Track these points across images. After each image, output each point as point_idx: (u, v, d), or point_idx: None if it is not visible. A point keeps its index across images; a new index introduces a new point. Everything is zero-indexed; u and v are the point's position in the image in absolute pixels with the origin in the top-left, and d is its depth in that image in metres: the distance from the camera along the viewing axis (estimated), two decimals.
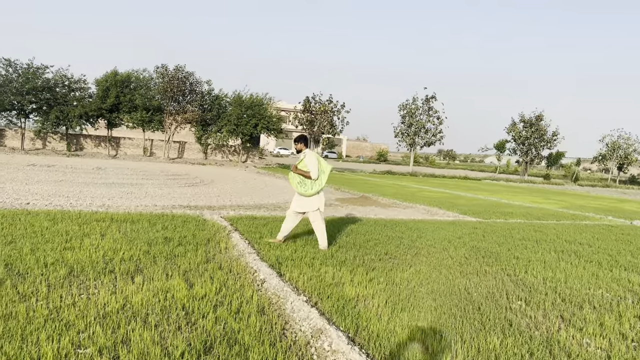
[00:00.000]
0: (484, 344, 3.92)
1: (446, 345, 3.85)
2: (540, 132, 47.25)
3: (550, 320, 4.67)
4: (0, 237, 6.46)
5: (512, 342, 4.00)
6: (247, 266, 5.95)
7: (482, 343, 3.93)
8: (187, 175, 23.00)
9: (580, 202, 23.12)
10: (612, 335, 4.37)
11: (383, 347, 3.75)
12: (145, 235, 7.36)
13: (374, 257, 6.90)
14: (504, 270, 6.69)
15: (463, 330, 4.20)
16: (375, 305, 4.72)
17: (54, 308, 4.08)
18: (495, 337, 4.05)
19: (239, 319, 4.12)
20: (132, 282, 4.96)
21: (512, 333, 4.21)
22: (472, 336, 4.06)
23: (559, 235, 10.34)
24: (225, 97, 39.85)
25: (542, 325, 4.51)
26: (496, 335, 4.12)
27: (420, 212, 13.80)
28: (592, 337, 4.31)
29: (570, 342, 4.12)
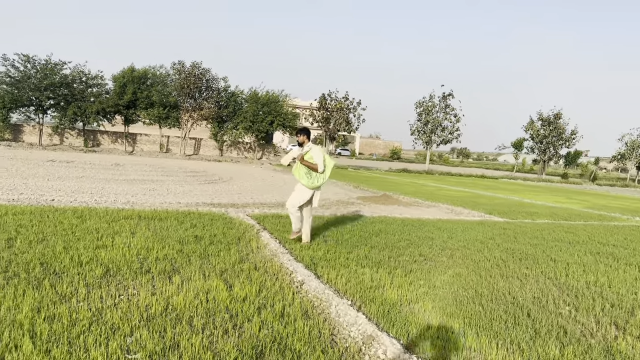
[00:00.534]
0: (543, 354, 3.75)
1: (505, 355, 3.68)
2: (559, 131, 46.66)
3: (604, 327, 4.49)
4: (31, 235, 6.39)
5: (572, 351, 3.82)
6: (282, 267, 5.82)
7: (541, 352, 3.76)
8: (205, 172, 22.96)
9: (602, 202, 22.72)
10: None
11: (441, 357, 3.60)
12: (175, 233, 7.26)
13: (408, 259, 6.74)
14: (544, 273, 6.49)
15: (518, 338, 4.03)
16: (421, 310, 4.56)
17: (96, 310, 3.98)
18: (553, 346, 3.88)
19: (285, 324, 3.98)
20: (170, 283, 4.85)
21: (569, 342, 4.03)
22: (529, 345, 3.89)
23: (590, 237, 10.09)
24: (241, 94, 39.81)
25: (597, 333, 4.32)
26: (553, 343, 3.95)
27: (444, 211, 13.59)
28: None
29: (632, 353, 3.94)
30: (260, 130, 38.20)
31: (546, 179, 47.60)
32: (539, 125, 47.87)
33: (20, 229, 6.67)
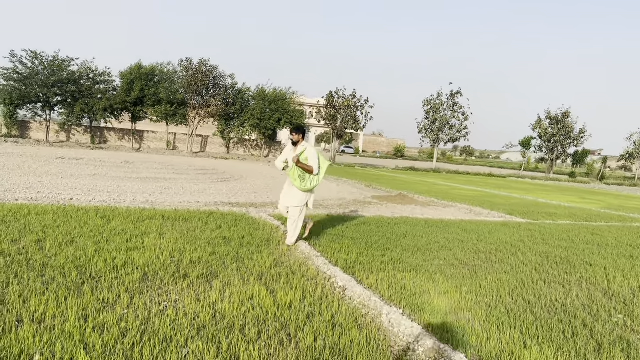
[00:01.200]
0: None
1: None
2: (567, 129, 46.36)
3: None
4: (59, 236, 6.23)
5: None
6: (319, 271, 5.66)
7: None
8: (215, 170, 22.81)
9: (616, 202, 22.52)
10: None
11: None
12: (203, 234, 7.11)
13: (443, 262, 6.58)
14: (584, 279, 6.32)
15: (582, 350, 3.86)
16: (475, 320, 4.40)
17: (144, 318, 3.82)
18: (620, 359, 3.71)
19: (340, 334, 3.82)
20: (211, 288, 4.70)
21: (637, 354, 3.86)
22: (595, 358, 3.72)
23: (618, 239, 9.91)
24: (248, 91, 39.62)
25: None
26: (619, 356, 3.78)
27: (463, 211, 13.42)
28: None
29: None
30: (267, 127, 38.02)
31: (554, 177, 47.36)
32: (547, 124, 47.61)
33: (47, 230, 6.52)
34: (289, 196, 7.21)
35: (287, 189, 7.28)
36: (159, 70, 37.49)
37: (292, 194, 7.17)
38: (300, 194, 7.11)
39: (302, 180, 7.02)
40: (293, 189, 7.18)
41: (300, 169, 6.99)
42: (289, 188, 7.24)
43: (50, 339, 3.32)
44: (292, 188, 7.19)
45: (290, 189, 7.22)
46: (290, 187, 7.23)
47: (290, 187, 7.22)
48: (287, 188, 7.28)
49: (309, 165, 6.95)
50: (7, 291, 4.17)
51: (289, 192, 7.23)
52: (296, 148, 7.16)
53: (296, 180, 7.04)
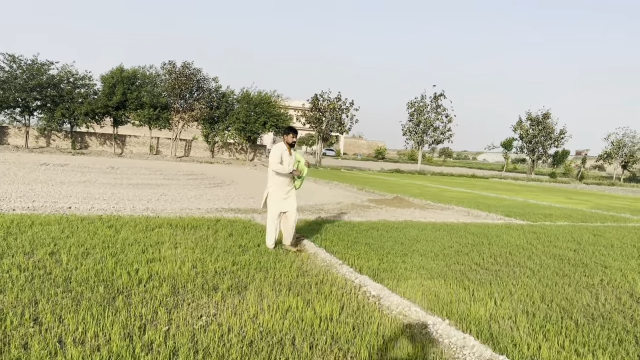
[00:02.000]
0: None
1: None
2: (548, 130, 47.08)
3: None
4: (73, 248, 6.01)
5: None
6: (346, 279, 5.54)
7: None
8: (204, 175, 22.52)
9: (602, 201, 22.88)
10: None
11: None
12: (216, 243, 6.94)
13: (465, 268, 6.53)
14: (605, 282, 6.32)
15: (637, 358, 3.83)
16: (519, 328, 4.33)
17: (190, 335, 3.66)
18: None
19: (396, 348, 3.72)
20: (244, 300, 4.54)
21: None
22: None
23: (621, 240, 10.01)
24: (232, 94, 39.28)
25: None
26: None
27: (461, 214, 13.44)
28: None
29: None
30: (252, 131, 37.72)
31: (535, 178, 48.02)
32: (527, 125, 48.29)
33: (57, 242, 6.28)
34: (290, 201, 7.10)
35: (283, 194, 7.04)
36: (141, 73, 36.90)
37: (291, 197, 7.12)
38: (295, 196, 7.22)
39: (298, 181, 7.21)
40: (291, 192, 7.11)
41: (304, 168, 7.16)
42: (286, 193, 7.06)
43: None
44: (290, 192, 7.10)
45: (287, 194, 7.07)
46: (286, 193, 7.06)
47: (287, 192, 7.07)
48: (282, 193, 7.04)
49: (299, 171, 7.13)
50: (38, 309, 3.96)
51: (287, 197, 7.07)
52: (291, 150, 7.07)
53: (297, 180, 7.19)
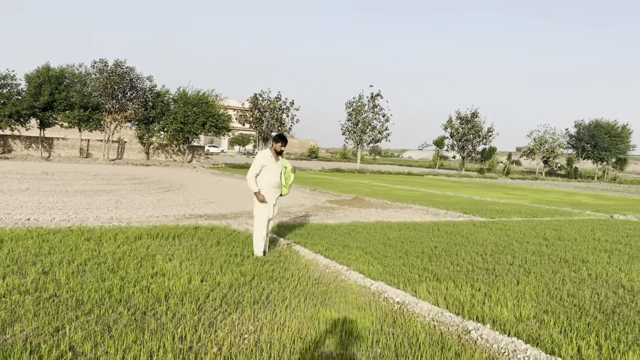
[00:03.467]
0: None
1: None
2: (476, 129, 49.31)
3: None
4: (64, 265, 5.56)
5: None
6: (362, 286, 5.49)
7: None
8: (148, 179, 21.62)
9: (538, 196, 24.23)
10: None
11: None
12: (209, 253, 6.68)
13: (463, 269, 6.67)
14: (593, 276, 6.65)
15: None
16: (550, 327, 4.47)
17: (244, 356, 3.48)
18: None
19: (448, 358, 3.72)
20: (276, 315, 4.38)
21: None
22: None
23: (580, 234, 10.61)
24: (167, 94, 37.94)
25: None
26: None
27: (421, 212, 13.76)
28: None
29: None
30: (191, 132, 36.63)
31: (466, 174, 50.13)
32: (457, 124, 50.31)
33: (43, 259, 5.80)
34: (275, 208, 7.04)
35: (272, 200, 6.93)
36: (69, 72, 34.78)
37: (277, 204, 7.07)
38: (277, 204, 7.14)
39: (285, 189, 7.10)
40: (277, 200, 7.04)
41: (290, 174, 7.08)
42: (274, 200, 6.96)
43: None
44: (276, 200, 7.03)
45: (274, 200, 6.97)
46: (274, 199, 6.96)
47: (274, 199, 6.97)
48: (272, 200, 6.93)
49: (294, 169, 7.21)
50: (67, 336, 3.62)
51: (275, 204, 7.00)
52: (278, 158, 6.97)
53: (285, 188, 7.07)
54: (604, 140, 58.11)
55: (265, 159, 6.82)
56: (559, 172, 66.25)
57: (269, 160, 6.82)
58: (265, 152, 6.90)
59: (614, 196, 28.58)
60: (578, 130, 60.43)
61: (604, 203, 21.78)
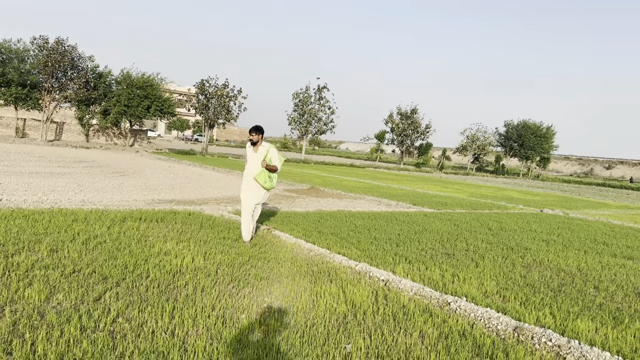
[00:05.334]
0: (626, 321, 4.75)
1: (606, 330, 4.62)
2: (415, 125, 51.31)
3: (628, 299, 5.68)
4: (67, 244, 5.88)
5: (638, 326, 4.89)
6: (349, 267, 6.17)
7: (624, 320, 4.77)
8: (96, 162, 21.32)
9: (474, 190, 25.90)
10: None
11: None
12: (199, 235, 7.13)
13: (428, 254, 7.49)
14: (539, 262, 7.68)
15: (607, 317, 5.01)
16: (511, 301, 5.36)
17: (295, 322, 4.08)
18: (626, 318, 4.92)
19: (437, 324, 4.48)
20: (285, 288, 4.99)
21: (635, 314, 5.12)
22: (620, 322, 4.88)
23: (519, 226, 11.81)
24: (110, 75, 36.89)
25: (635, 305, 5.49)
26: (620, 317, 4.99)
27: (375, 203, 14.65)
28: None
29: None
30: (135, 115, 35.87)
31: (404, 168, 52.11)
32: (398, 119, 52.11)
33: (41, 237, 6.06)
34: (258, 195, 7.31)
35: (254, 188, 7.27)
36: (5, 48, 33.08)
37: (260, 193, 7.33)
38: (265, 192, 7.41)
39: (271, 180, 7.27)
40: (258, 189, 7.30)
41: (264, 174, 7.17)
42: (256, 188, 7.27)
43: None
44: (257, 188, 7.29)
45: (257, 189, 7.29)
46: (254, 188, 7.28)
47: (255, 188, 7.28)
48: (253, 188, 7.28)
49: (274, 165, 7.23)
50: (110, 306, 4.07)
51: (256, 192, 7.29)
52: (257, 148, 7.22)
53: (267, 182, 7.21)
54: (530, 139, 61.98)
55: (247, 150, 7.32)
56: (487, 168, 69.98)
57: (249, 151, 7.26)
58: (248, 144, 7.31)
59: (540, 192, 30.88)
60: (507, 130, 64.15)
61: (532, 198, 23.63)
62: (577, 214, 16.43)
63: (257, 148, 7.27)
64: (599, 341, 4.32)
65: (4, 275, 4.58)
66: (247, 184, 7.33)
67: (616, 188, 53.85)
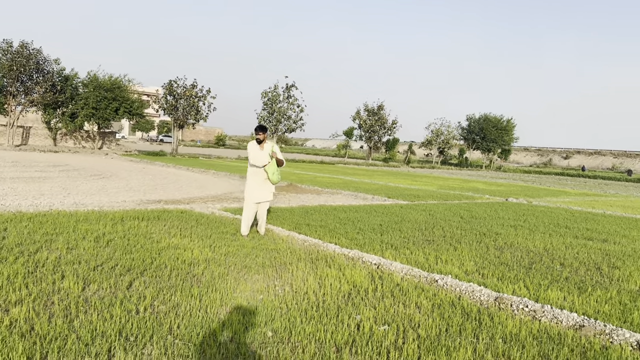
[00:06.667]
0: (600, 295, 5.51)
1: (571, 297, 5.37)
2: (382, 121, 52.40)
3: (590, 273, 6.48)
4: (79, 241, 6.29)
5: (600, 292, 5.66)
6: (343, 254, 6.77)
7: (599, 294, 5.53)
8: (71, 166, 21.31)
9: (442, 182, 26.89)
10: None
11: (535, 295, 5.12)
12: (196, 230, 7.60)
13: (410, 241, 8.17)
14: (510, 245, 8.46)
15: (573, 287, 5.76)
16: (489, 278, 6.07)
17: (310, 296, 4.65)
18: (589, 287, 5.69)
19: (427, 297, 5.13)
20: (293, 274, 5.56)
21: (597, 284, 5.89)
22: (584, 291, 5.64)
23: (487, 214, 12.66)
24: (76, 77, 36.42)
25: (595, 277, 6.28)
26: (584, 287, 5.76)
27: (351, 197, 15.30)
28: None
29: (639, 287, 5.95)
30: (104, 117, 35.57)
31: (372, 163, 53.14)
32: (365, 116, 53.10)
33: (53, 236, 6.46)
34: (264, 191, 7.75)
35: (259, 185, 7.73)
36: None
37: (267, 188, 7.78)
38: (273, 187, 7.89)
39: (278, 175, 7.72)
40: (266, 184, 7.75)
41: (275, 165, 7.65)
42: (262, 184, 7.73)
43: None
44: (265, 183, 7.74)
45: (263, 185, 7.74)
46: (262, 183, 7.73)
47: (263, 183, 7.74)
48: (259, 184, 7.73)
49: (281, 159, 7.72)
50: (140, 291, 4.55)
51: (262, 188, 7.73)
52: (263, 146, 7.68)
53: (273, 175, 7.67)
54: (491, 132, 63.95)
55: (251, 149, 7.68)
56: (452, 161, 71.88)
57: (254, 150, 7.66)
58: (252, 143, 7.73)
59: (503, 183, 32.19)
60: (469, 124, 66.00)
61: (496, 189, 24.74)
62: (540, 202, 17.50)
63: (263, 146, 7.69)
64: (567, 306, 5.05)
65: (35, 270, 5.00)
66: (252, 181, 7.71)
67: (574, 177, 56.23)
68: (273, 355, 3.45)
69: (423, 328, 4.14)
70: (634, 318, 4.78)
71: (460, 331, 4.14)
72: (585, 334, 4.29)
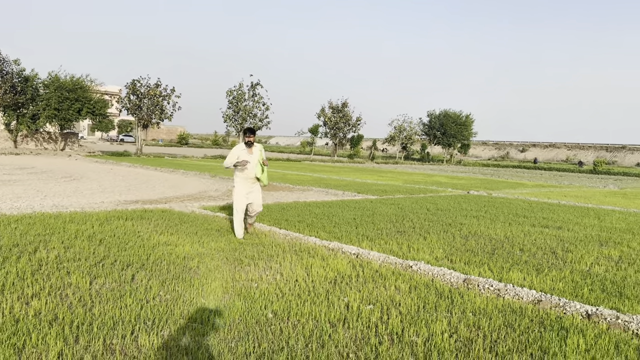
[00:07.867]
0: (545, 271, 6.21)
1: (528, 276, 6.05)
2: (346, 118, 53.19)
3: (546, 256, 7.21)
4: (77, 241, 6.60)
5: (555, 272, 6.38)
6: (324, 246, 7.29)
7: (554, 274, 6.22)
8: (38, 169, 21.17)
9: (406, 177, 27.75)
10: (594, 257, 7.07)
11: None
12: (181, 228, 7.98)
13: (381, 232, 8.74)
14: (474, 233, 9.17)
15: (530, 270, 6.45)
16: (456, 262, 6.70)
17: (286, 281, 5.14)
18: (545, 268, 6.39)
19: (404, 279, 5.71)
20: (282, 264, 6.04)
21: (552, 266, 6.60)
22: (541, 271, 6.33)
23: (451, 206, 13.41)
24: (36, 78, 35.66)
25: (551, 260, 7.00)
26: (541, 268, 6.46)
27: (322, 193, 15.83)
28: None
29: (589, 267, 6.68)
30: (66, 118, 34.98)
31: (338, 159, 53.91)
32: (330, 113, 53.78)
33: (46, 237, 6.74)
34: (254, 195, 7.91)
35: (247, 189, 7.86)
36: None
37: (256, 192, 7.96)
38: (261, 190, 8.12)
39: (266, 178, 8.03)
40: (254, 187, 7.92)
41: (262, 166, 7.87)
42: (250, 188, 7.87)
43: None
44: (253, 187, 7.90)
45: (251, 188, 7.87)
46: (250, 187, 7.87)
47: (251, 187, 7.87)
48: (247, 188, 7.86)
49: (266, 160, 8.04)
50: (144, 284, 4.96)
51: (251, 192, 7.88)
52: (252, 149, 7.80)
53: (266, 179, 8.02)
54: (451, 128, 65.65)
55: (240, 152, 7.75)
56: (414, 156, 73.47)
57: (244, 153, 7.75)
58: (240, 145, 7.87)
59: (464, 176, 33.35)
60: (430, 119, 67.56)
61: (458, 182, 25.73)
62: (499, 194, 18.47)
63: (252, 149, 7.81)
64: (527, 285, 5.72)
65: (40, 268, 5.33)
66: (241, 185, 7.85)
67: (530, 169, 58.47)
68: (278, 331, 3.94)
69: (403, 306, 4.70)
70: (584, 293, 5.48)
71: (436, 307, 4.72)
72: (542, 307, 4.94)
